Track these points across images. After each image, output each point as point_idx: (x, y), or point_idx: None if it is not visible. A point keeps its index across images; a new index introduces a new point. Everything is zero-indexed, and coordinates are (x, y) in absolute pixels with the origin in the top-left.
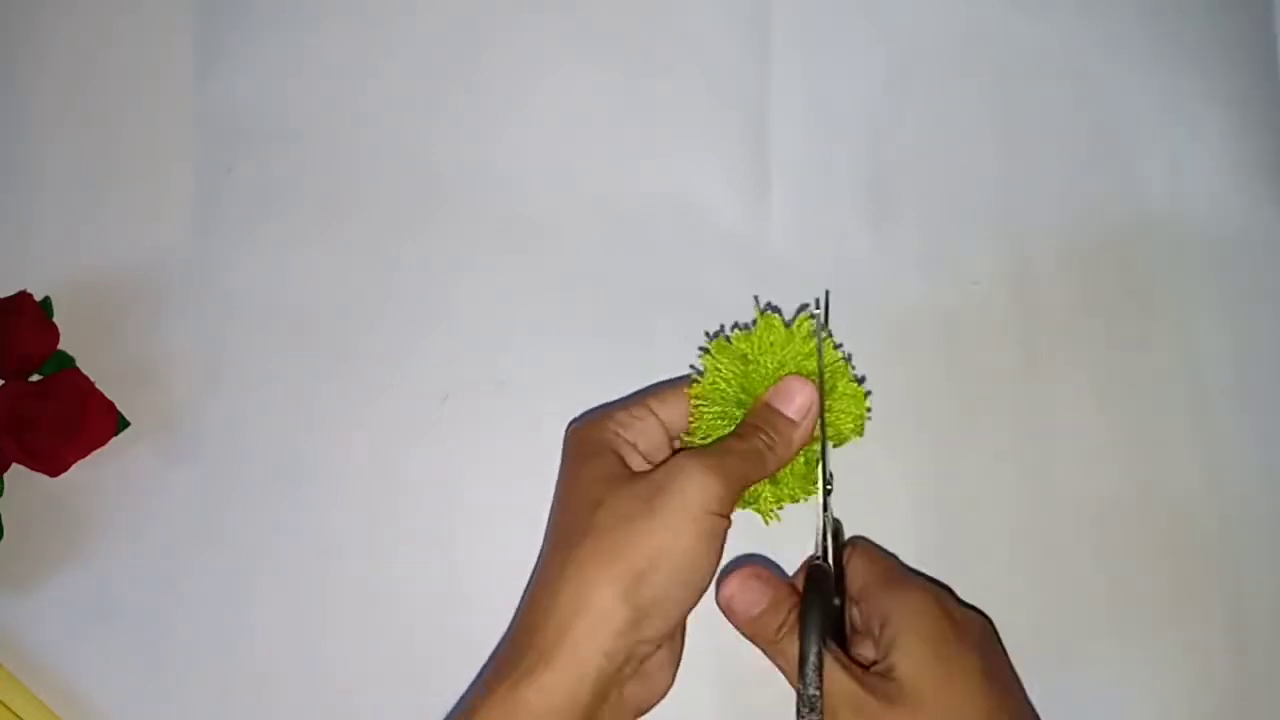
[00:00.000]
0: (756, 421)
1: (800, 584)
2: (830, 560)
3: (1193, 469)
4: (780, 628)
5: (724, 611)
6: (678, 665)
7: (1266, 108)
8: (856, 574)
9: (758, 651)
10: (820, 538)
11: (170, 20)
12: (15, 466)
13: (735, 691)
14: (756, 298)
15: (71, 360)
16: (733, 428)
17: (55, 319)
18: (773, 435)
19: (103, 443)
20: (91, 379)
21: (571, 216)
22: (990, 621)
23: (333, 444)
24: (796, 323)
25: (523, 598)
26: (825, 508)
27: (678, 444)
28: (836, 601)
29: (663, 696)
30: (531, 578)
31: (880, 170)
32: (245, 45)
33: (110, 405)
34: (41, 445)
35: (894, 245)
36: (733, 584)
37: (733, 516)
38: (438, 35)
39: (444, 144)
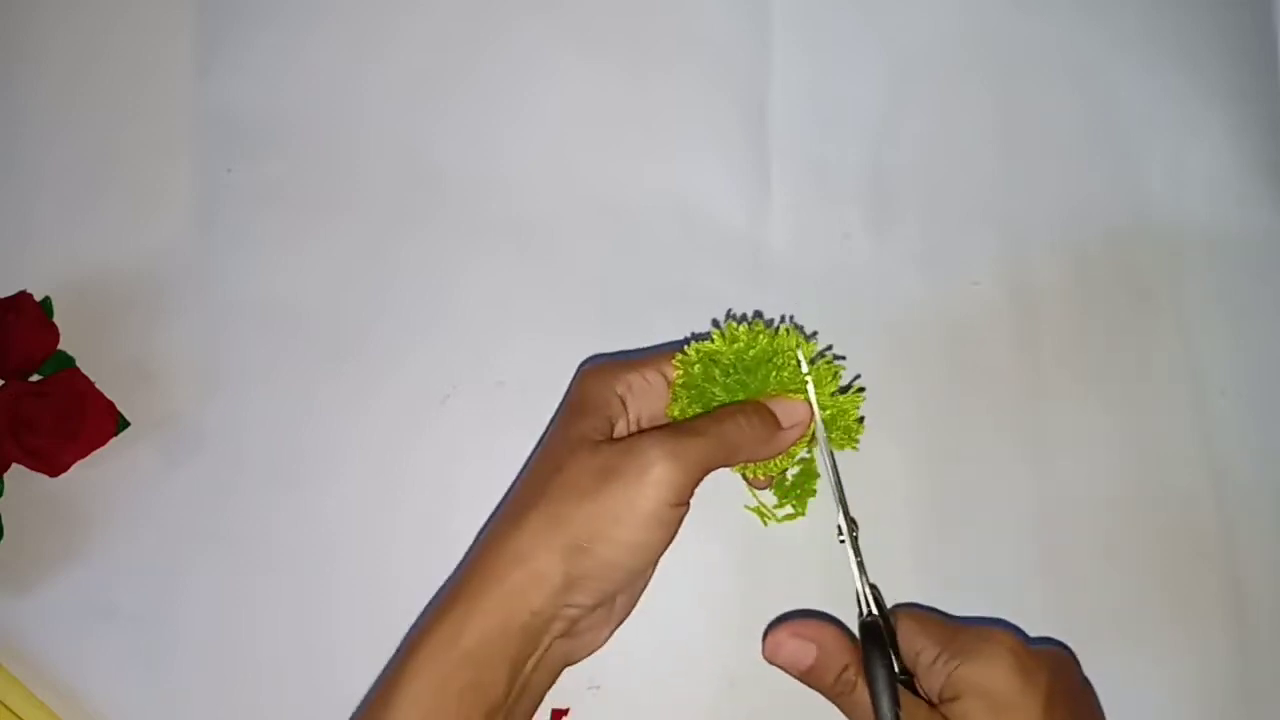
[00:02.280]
0: (741, 407)
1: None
2: (877, 610)
3: (1193, 468)
4: (839, 678)
5: (773, 665)
6: (615, 627)
7: (1266, 107)
8: (909, 638)
9: (757, 651)
10: (860, 591)
11: (170, 20)
12: (15, 466)
13: (735, 690)
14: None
15: (71, 360)
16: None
17: (55, 319)
18: (754, 424)
19: (103, 443)
20: (91, 379)
21: (571, 216)
22: (1068, 654)
23: (333, 444)
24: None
25: (473, 545)
26: (858, 555)
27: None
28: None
29: (592, 652)
30: (485, 525)
31: (881, 170)
32: (245, 45)
33: (110, 405)
34: (41, 445)
35: (894, 245)
36: (771, 643)
37: (721, 510)
38: (437, 35)
39: (444, 144)
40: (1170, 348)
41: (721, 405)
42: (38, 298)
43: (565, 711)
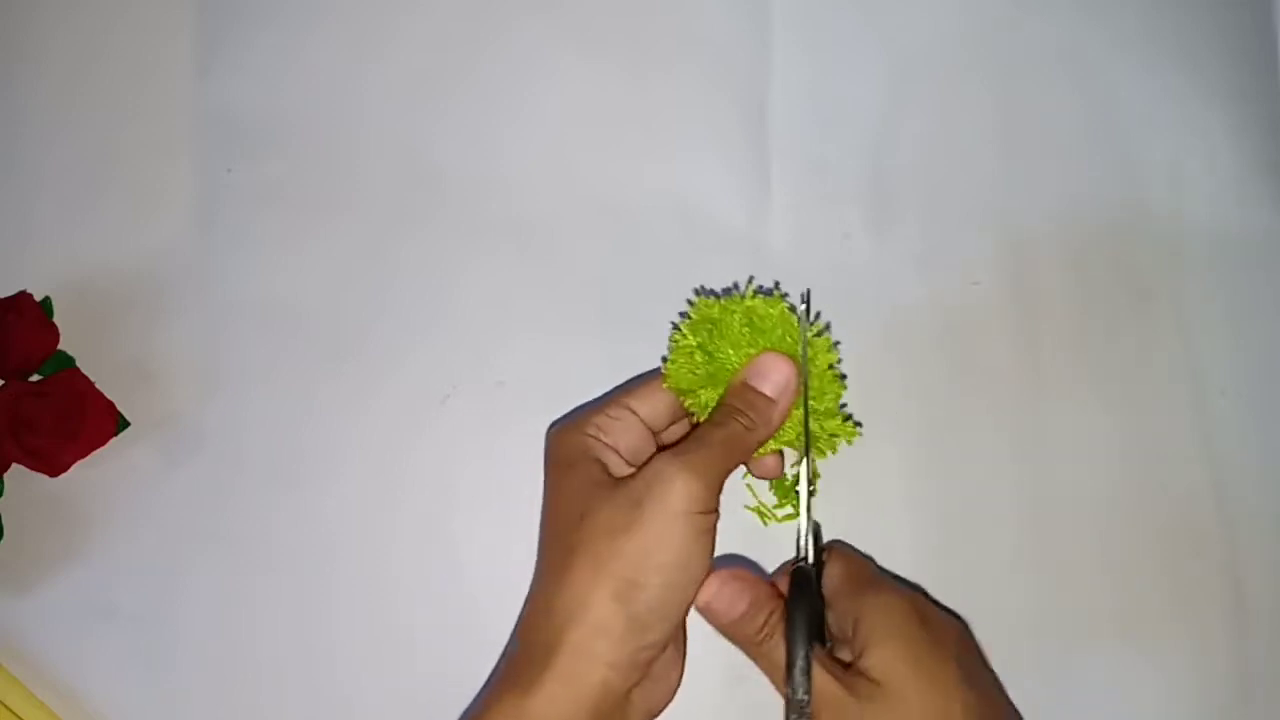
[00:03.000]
0: (734, 403)
1: (782, 584)
2: (812, 562)
3: (1193, 468)
4: (762, 629)
5: (703, 614)
6: (684, 662)
7: (1266, 107)
8: (831, 577)
9: None
10: (802, 539)
11: (170, 20)
12: (15, 466)
13: (735, 690)
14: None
15: (71, 360)
16: (708, 382)
17: (55, 319)
18: (751, 416)
19: (103, 443)
20: (91, 379)
21: (571, 216)
22: (967, 626)
23: (333, 444)
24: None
25: (519, 618)
26: (809, 509)
27: (666, 436)
28: (819, 605)
29: (673, 695)
30: (527, 596)
31: (881, 170)
32: (244, 45)
33: (110, 405)
34: (41, 445)
35: (894, 245)
36: (711, 586)
37: (721, 509)
38: (437, 35)
39: (444, 144)
40: (1170, 348)
41: (715, 408)
42: (38, 298)
43: None
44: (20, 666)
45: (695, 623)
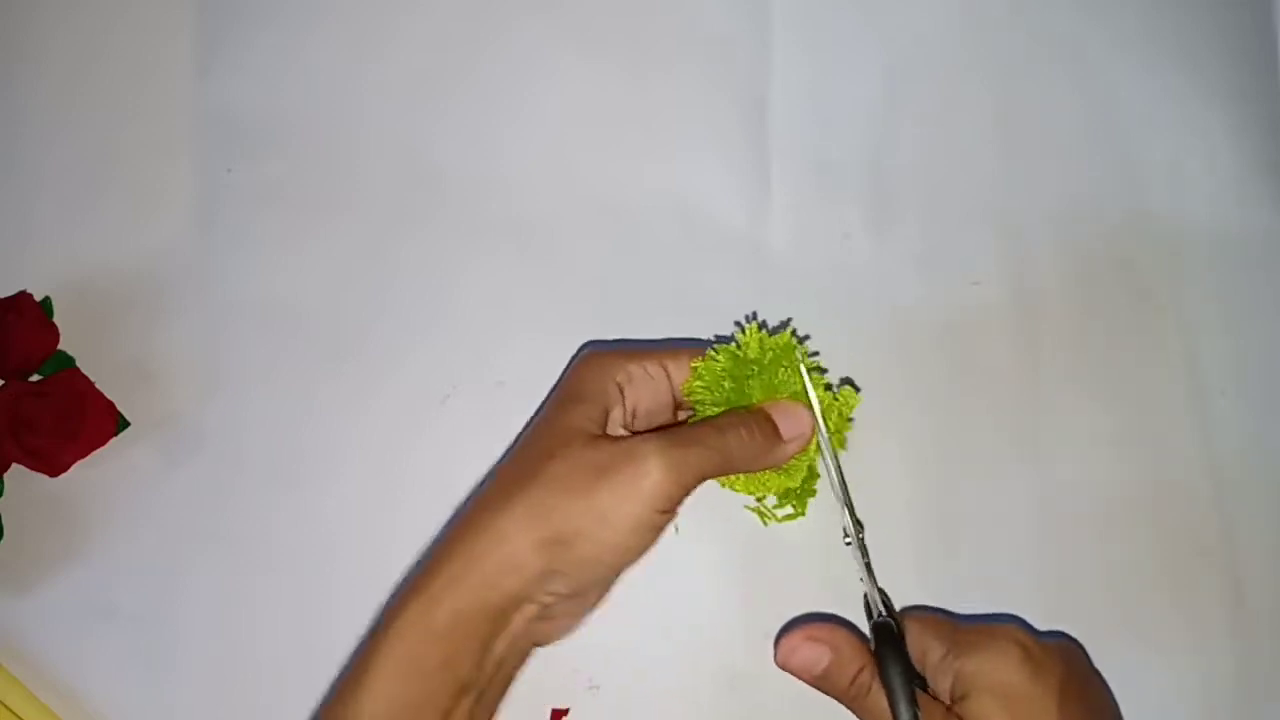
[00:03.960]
0: (746, 418)
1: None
2: (886, 612)
3: (1193, 468)
4: (855, 681)
5: (786, 670)
6: (587, 614)
7: (1266, 107)
8: (917, 640)
9: (757, 651)
10: (871, 598)
11: (170, 20)
12: (15, 466)
13: (735, 690)
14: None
15: (71, 360)
16: (724, 405)
17: (55, 319)
18: (754, 436)
19: (103, 443)
20: (91, 379)
21: (571, 216)
22: (1076, 645)
23: (333, 444)
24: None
25: (455, 516)
26: (865, 557)
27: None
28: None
29: (563, 637)
30: (471, 497)
31: (880, 170)
32: (244, 45)
33: (110, 405)
34: (41, 445)
35: (894, 245)
36: (785, 648)
37: (727, 512)
38: (437, 35)
39: (444, 144)
40: (1170, 348)
41: (726, 411)
42: (38, 298)
43: (565, 711)
44: (20, 666)
45: (695, 622)
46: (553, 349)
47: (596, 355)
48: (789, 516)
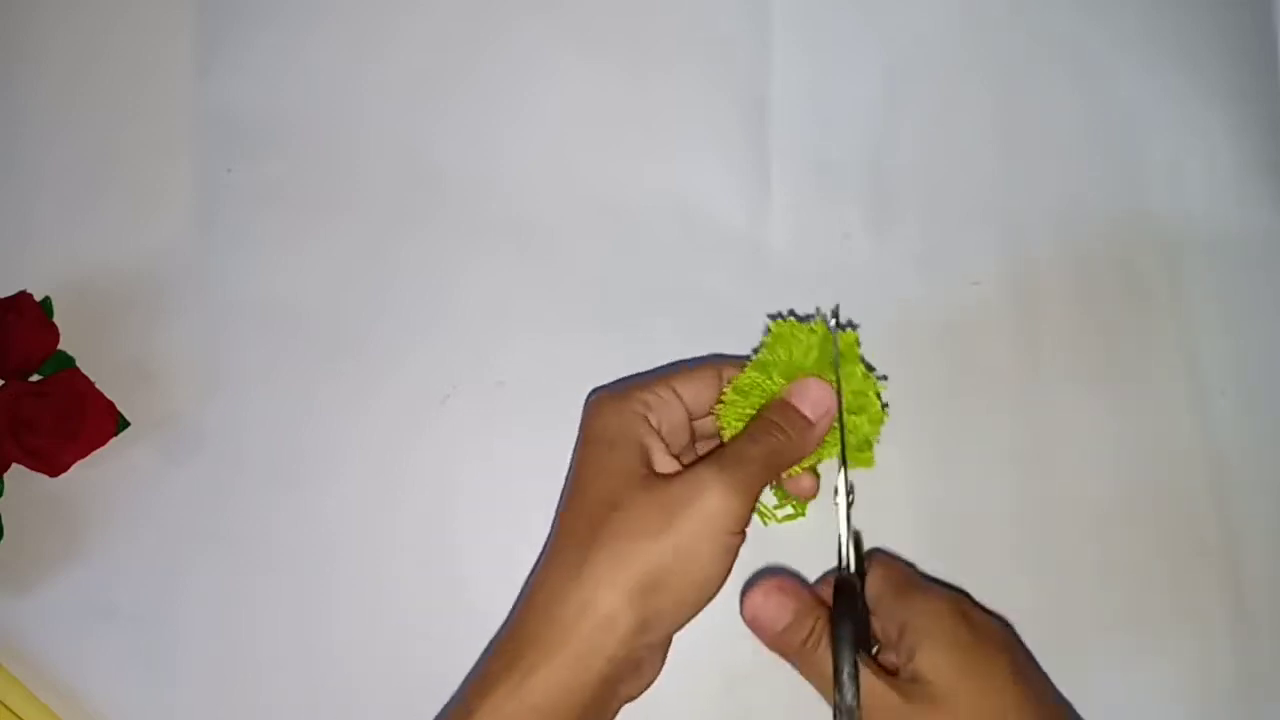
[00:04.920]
0: (773, 417)
1: (825, 593)
2: (853, 570)
3: (1193, 469)
4: (807, 639)
5: (749, 626)
6: (665, 657)
7: (1266, 107)
8: (874, 583)
9: (757, 651)
10: (843, 548)
11: (170, 20)
12: (15, 466)
13: (735, 690)
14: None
15: (71, 360)
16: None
17: (55, 319)
18: (790, 433)
19: (103, 443)
20: (91, 379)
21: (571, 216)
22: (1011, 627)
23: (333, 444)
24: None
25: (527, 589)
26: (848, 519)
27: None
28: (864, 613)
29: (649, 685)
30: (537, 569)
31: (881, 170)
32: (244, 45)
33: (110, 405)
34: (41, 445)
35: (894, 245)
36: (756, 598)
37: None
38: (437, 35)
39: (443, 144)
40: (1170, 348)
41: (752, 418)
42: (38, 298)
43: None
44: (20, 666)
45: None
46: (553, 349)
47: (607, 397)
48: (789, 517)
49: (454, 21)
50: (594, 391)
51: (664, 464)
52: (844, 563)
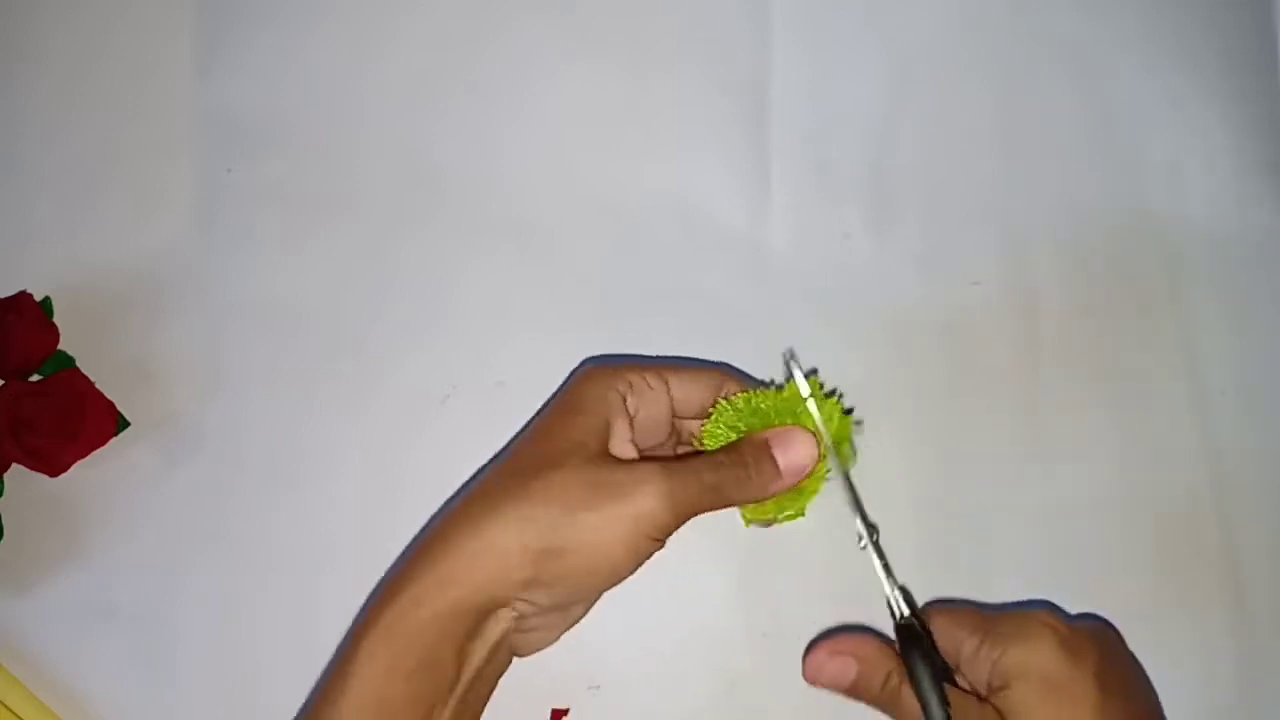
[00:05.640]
0: (745, 453)
1: (894, 641)
2: (908, 611)
3: (1193, 468)
4: (884, 687)
5: (815, 685)
6: (564, 630)
7: (1266, 107)
8: (945, 634)
9: (757, 651)
10: (889, 596)
11: (170, 20)
12: (15, 466)
13: (735, 690)
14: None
15: (71, 360)
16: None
17: (55, 319)
18: (752, 474)
19: (103, 443)
20: (91, 379)
21: (571, 216)
22: (1108, 629)
23: (333, 444)
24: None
25: (436, 520)
26: (882, 560)
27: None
28: (936, 655)
29: (539, 649)
30: (462, 497)
31: (881, 170)
32: (244, 45)
33: (110, 405)
34: (41, 445)
35: (894, 245)
36: (811, 665)
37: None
38: (437, 35)
39: (444, 144)
40: (1170, 348)
41: (727, 446)
42: (38, 298)
43: (565, 711)
44: (20, 666)
45: (695, 622)
46: (553, 349)
47: (598, 369)
48: (789, 517)
49: (454, 21)
50: (592, 359)
51: (622, 448)
52: (896, 607)
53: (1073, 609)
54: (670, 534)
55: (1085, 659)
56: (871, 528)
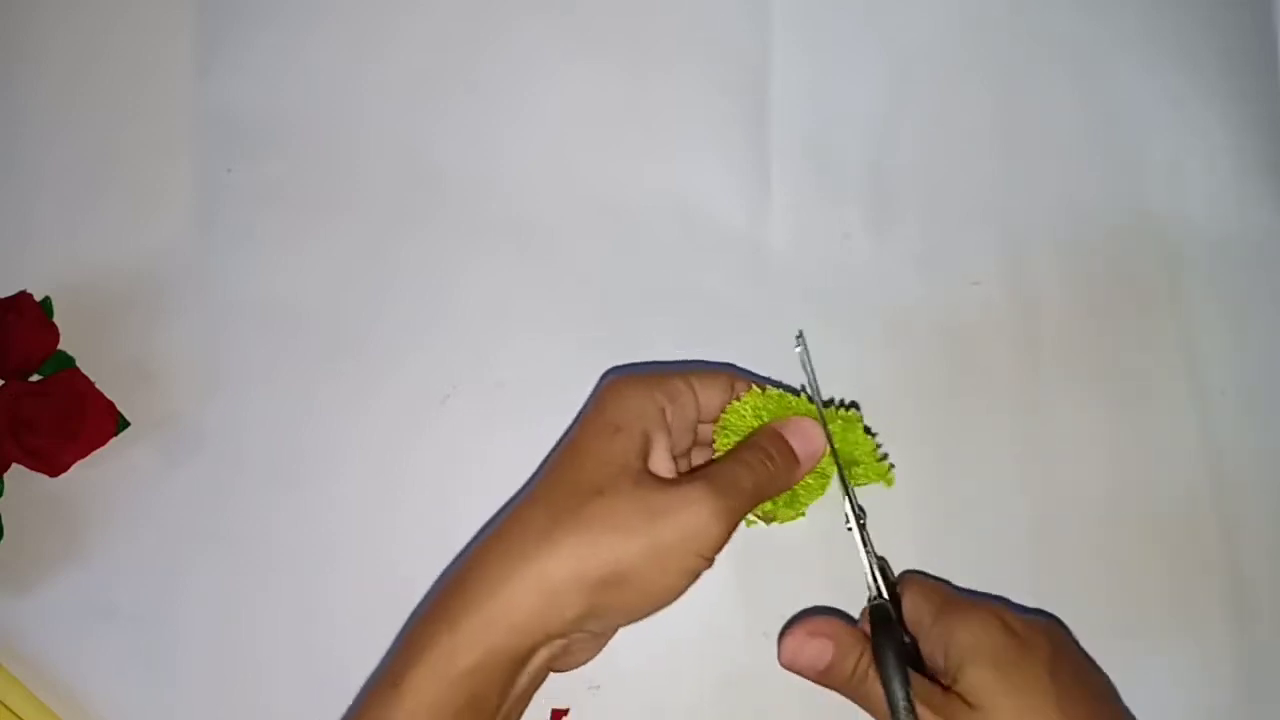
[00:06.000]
0: (766, 448)
1: (864, 625)
2: (886, 595)
3: (1193, 469)
4: (854, 672)
5: (790, 670)
6: (603, 648)
7: (1266, 107)
8: (910, 607)
9: (757, 651)
10: (869, 577)
11: (170, 20)
12: (15, 466)
13: (735, 690)
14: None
15: (71, 360)
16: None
17: (55, 319)
18: (778, 468)
19: (103, 443)
20: (91, 379)
21: (571, 216)
22: (1058, 624)
23: (333, 444)
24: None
25: (468, 552)
26: (865, 543)
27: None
28: (906, 639)
29: (578, 667)
30: (502, 523)
31: (880, 170)
32: (244, 45)
33: (110, 405)
34: (41, 445)
35: (894, 245)
36: (792, 643)
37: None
38: (438, 35)
39: (444, 144)
40: (1170, 347)
41: (741, 442)
42: (38, 298)
43: (565, 711)
44: (20, 666)
45: (695, 622)
46: (553, 349)
47: (630, 380)
48: (791, 517)
49: (454, 21)
50: (611, 371)
51: (662, 464)
52: (873, 590)
53: (1072, 609)
54: (719, 550)
55: (1036, 649)
56: (860, 511)
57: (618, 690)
